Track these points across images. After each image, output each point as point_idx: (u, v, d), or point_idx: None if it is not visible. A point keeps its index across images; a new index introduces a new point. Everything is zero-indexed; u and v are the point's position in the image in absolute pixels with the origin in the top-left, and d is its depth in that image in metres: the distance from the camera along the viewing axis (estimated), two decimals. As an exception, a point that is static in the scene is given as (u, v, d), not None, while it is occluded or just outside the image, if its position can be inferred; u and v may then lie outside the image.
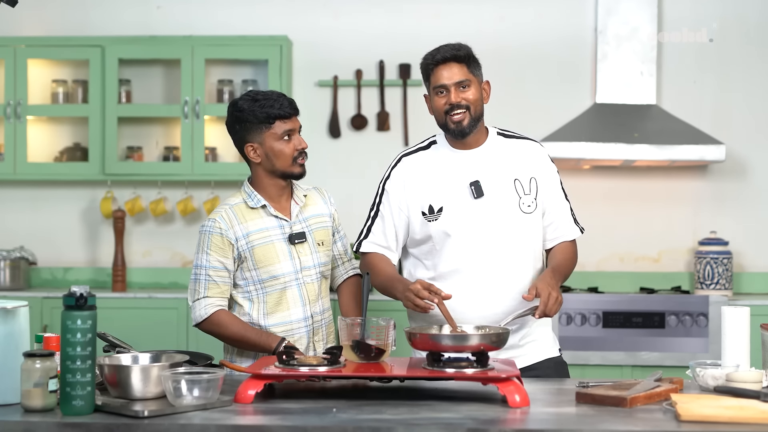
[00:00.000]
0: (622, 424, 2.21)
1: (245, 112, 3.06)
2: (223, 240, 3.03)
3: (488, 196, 2.98)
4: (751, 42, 5.48)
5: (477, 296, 2.96)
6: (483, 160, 3.03)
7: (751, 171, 5.48)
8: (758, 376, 2.51)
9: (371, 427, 2.18)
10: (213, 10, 5.61)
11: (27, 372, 2.28)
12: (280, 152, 3.07)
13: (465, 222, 2.98)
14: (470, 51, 3.02)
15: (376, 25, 5.58)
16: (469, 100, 2.98)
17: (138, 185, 5.58)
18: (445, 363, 2.50)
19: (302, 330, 3.09)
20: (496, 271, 2.97)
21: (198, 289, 3.04)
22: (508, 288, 2.97)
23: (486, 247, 2.97)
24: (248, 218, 3.07)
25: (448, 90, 2.98)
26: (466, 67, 2.99)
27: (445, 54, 2.99)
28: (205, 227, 3.06)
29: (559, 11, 5.53)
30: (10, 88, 5.39)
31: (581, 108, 5.42)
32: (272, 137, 3.06)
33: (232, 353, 3.13)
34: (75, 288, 2.26)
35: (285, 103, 3.07)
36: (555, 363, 3.09)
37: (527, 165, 3.05)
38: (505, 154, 3.05)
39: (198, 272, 3.05)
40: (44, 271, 5.62)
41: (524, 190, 3.01)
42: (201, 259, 3.05)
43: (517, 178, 3.01)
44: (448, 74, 2.98)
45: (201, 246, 3.06)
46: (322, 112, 5.59)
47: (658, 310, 4.98)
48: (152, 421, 2.22)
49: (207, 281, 3.03)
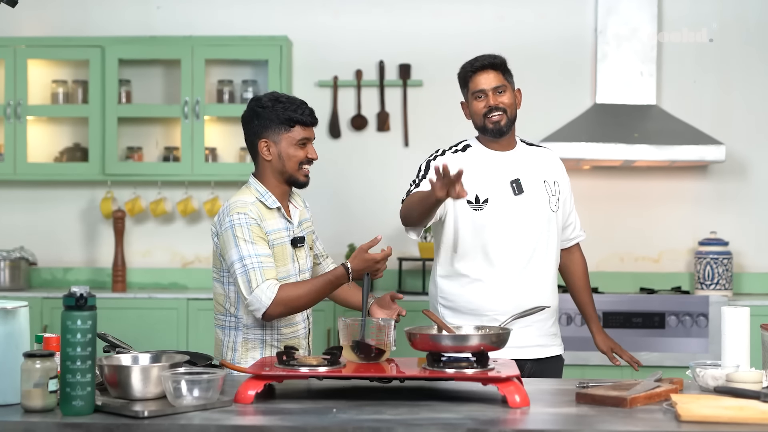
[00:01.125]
0: (622, 425, 2.21)
1: (267, 109, 3.09)
2: (261, 230, 3.02)
3: (527, 193, 3.26)
4: (751, 42, 5.48)
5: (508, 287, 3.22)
6: (519, 161, 3.32)
7: (751, 171, 5.48)
8: (758, 376, 2.51)
9: (371, 427, 2.18)
10: (213, 10, 5.61)
11: (27, 372, 2.28)
12: (293, 156, 3.09)
13: (507, 216, 3.23)
14: (505, 61, 3.31)
15: (376, 25, 5.58)
16: (505, 103, 3.26)
17: (138, 185, 5.58)
18: (445, 363, 2.50)
19: (302, 331, 3.14)
20: (528, 264, 3.25)
21: (255, 278, 2.95)
22: (535, 280, 3.26)
23: (522, 241, 3.24)
24: (267, 217, 3.07)
25: (486, 94, 3.26)
26: (502, 75, 3.29)
27: (483, 62, 3.27)
28: (240, 220, 3.00)
29: (559, 11, 5.53)
30: (10, 88, 5.39)
31: (581, 108, 5.42)
32: (288, 140, 3.09)
33: (232, 354, 3.12)
34: (75, 288, 2.26)
35: (307, 111, 3.13)
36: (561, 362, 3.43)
37: (551, 169, 3.38)
38: (533, 158, 3.35)
39: (247, 263, 2.96)
40: (44, 271, 5.62)
41: (551, 191, 3.32)
42: (246, 249, 2.97)
43: (546, 180, 3.33)
44: (486, 80, 3.26)
45: (241, 237, 2.98)
46: (322, 112, 5.59)
47: (658, 310, 4.98)
48: (152, 422, 2.22)
49: (261, 268, 2.96)
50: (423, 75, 5.52)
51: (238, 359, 3.06)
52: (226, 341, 3.10)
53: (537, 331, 3.29)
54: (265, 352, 3.06)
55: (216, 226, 3.07)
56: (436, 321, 2.68)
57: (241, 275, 2.95)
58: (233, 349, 3.08)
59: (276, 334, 3.08)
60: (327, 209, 5.37)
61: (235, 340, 3.09)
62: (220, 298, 3.12)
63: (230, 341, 3.10)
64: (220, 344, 3.13)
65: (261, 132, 3.10)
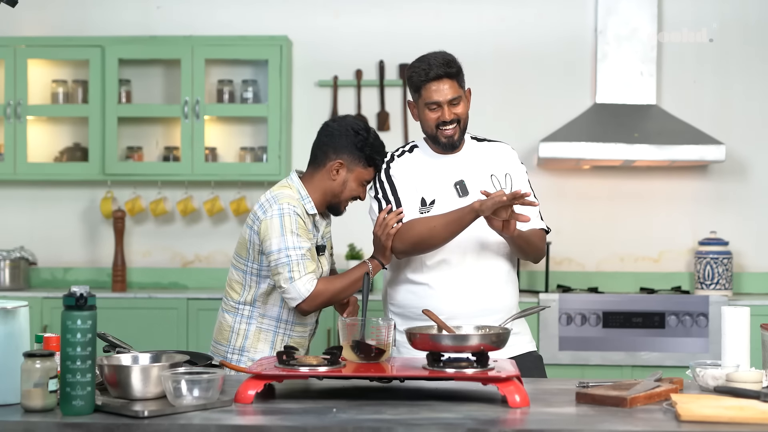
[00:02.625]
0: (622, 424, 2.21)
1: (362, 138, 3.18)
2: (305, 224, 3.12)
3: (472, 194, 3.13)
4: (751, 42, 5.48)
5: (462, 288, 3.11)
6: (463, 162, 3.20)
7: (751, 171, 5.48)
8: (758, 376, 2.51)
9: (371, 427, 2.18)
10: (213, 10, 5.61)
11: (27, 372, 2.28)
12: (353, 191, 3.20)
13: None
14: (459, 65, 3.14)
15: (376, 25, 5.58)
16: (459, 114, 3.13)
17: (138, 185, 5.58)
18: (445, 363, 2.50)
19: (309, 332, 3.27)
20: (479, 263, 3.13)
21: (298, 270, 3.04)
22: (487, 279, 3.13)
23: (470, 241, 3.11)
24: (305, 218, 3.15)
25: (441, 106, 3.10)
26: (457, 83, 3.12)
27: (438, 72, 3.09)
28: (287, 210, 3.08)
29: (559, 11, 5.53)
30: (10, 88, 5.39)
31: (581, 108, 5.42)
32: (358, 177, 3.19)
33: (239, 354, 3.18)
34: (75, 288, 2.26)
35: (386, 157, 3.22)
36: (534, 358, 3.21)
37: (501, 163, 3.21)
38: (481, 155, 3.22)
39: (291, 254, 3.04)
40: (44, 271, 5.62)
41: (501, 184, 3.17)
42: (291, 240, 3.05)
43: (494, 174, 3.18)
44: (440, 92, 3.09)
45: (287, 227, 3.06)
46: (322, 112, 5.59)
47: (658, 310, 4.98)
48: (152, 421, 2.22)
49: (303, 260, 3.05)
50: (423, 75, 5.51)
51: (247, 347, 3.16)
52: (236, 327, 3.17)
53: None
54: (276, 344, 3.15)
55: (258, 213, 3.12)
56: (436, 321, 2.68)
57: (284, 264, 3.04)
58: (244, 337, 3.16)
59: (289, 329, 3.18)
60: (327, 209, 5.38)
61: (247, 328, 3.16)
62: (237, 285, 3.19)
63: (241, 328, 3.16)
64: (227, 330, 3.19)
65: (343, 152, 3.18)
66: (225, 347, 3.19)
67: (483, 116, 5.22)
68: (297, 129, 5.57)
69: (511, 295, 3.19)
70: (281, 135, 5.34)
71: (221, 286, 5.50)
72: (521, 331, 3.18)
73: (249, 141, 5.56)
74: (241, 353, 3.16)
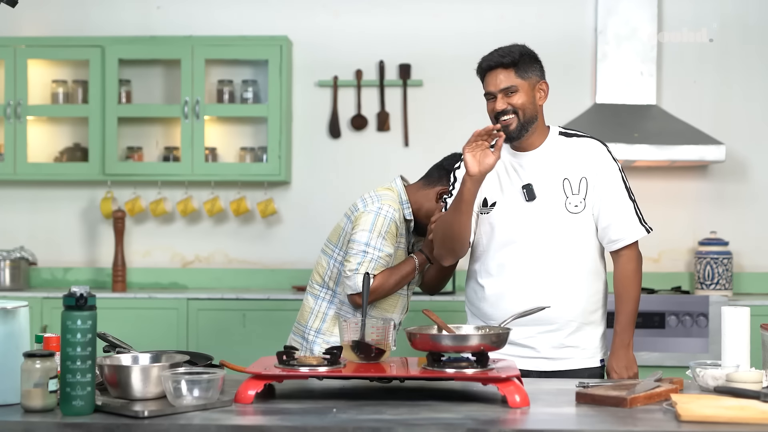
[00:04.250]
0: (622, 425, 2.21)
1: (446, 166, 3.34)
2: (397, 230, 3.28)
3: (540, 199, 3.03)
4: (751, 42, 5.48)
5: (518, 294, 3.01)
6: (537, 163, 3.07)
7: (751, 171, 5.48)
8: (758, 376, 2.51)
9: (371, 427, 2.18)
10: (213, 10, 5.61)
11: (27, 372, 2.28)
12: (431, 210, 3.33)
13: (515, 222, 3.04)
14: (520, 53, 3.04)
15: (376, 25, 5.58)
16: (516, 104, 3.01)
17: (138, 185, 5.58)
18: (445, 363, 2.50)
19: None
20: (543, 271, 3.01)
21: (366, 266, 3.20)
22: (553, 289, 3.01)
23: (532, 247, 3.02)
24: (400, 224, 3.33)
25: (495, 96, 3.03)
26: (514, 73, 3.02)
27: (490, 62, 3.04)
28: (385, 212, 3.26)
29: (559, 11, 5.53)
30: (10, 88, 5.39)
31: (581, 108, 5.42)
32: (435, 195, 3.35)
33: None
34: (75, 288, 2.26)
35: None
36: (590, 374, 3.06)
37: (580, 164, 3.06)
38: (560, 155, 3.07)
39: (369, 251, 3.23)
40: (44, 271, 5.62)
41: (572, 189, 3.04)
42: (377, 241, 3.24)
43: (567, 178, 3.04)
44: (494, 81, 3.02)
45: (378, 228, 3.24)
46: (322, 112, 5.59)
47: (658, 310, 4.98)
48: (152, 422, 2.22)
49: (377, 262, 3.22)
50: (423, 75, 5.52)
51: (324, 329, 3.36)
52: (315, 309, 3.39)
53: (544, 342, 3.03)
54: None
55: (358, 205, 3.30)
56: (436, 321, 2.68)
57: (357, 255, 3.23)
58: (322, 320, 3.37)
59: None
60: (327, 209, 5.38)
61: (326, 312, 3.37)
62: (322, 270, 3.41)
63: (320, 311, 3.38)
64: (308, 311, 3.41)
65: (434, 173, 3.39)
66: (303, 327, 3.39)
67: (482, 116, 5.21)
68: (297, 129, 5.57)
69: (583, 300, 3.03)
70: (281, 135, 5.34)
71: (221, 286, 5.54)
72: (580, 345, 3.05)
73: (249, 141, 5.56)
74: (317, 334, 3.35)
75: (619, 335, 3.08)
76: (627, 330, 3.09)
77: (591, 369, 3.08)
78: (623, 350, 3.06)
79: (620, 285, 3.12)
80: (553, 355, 3.03)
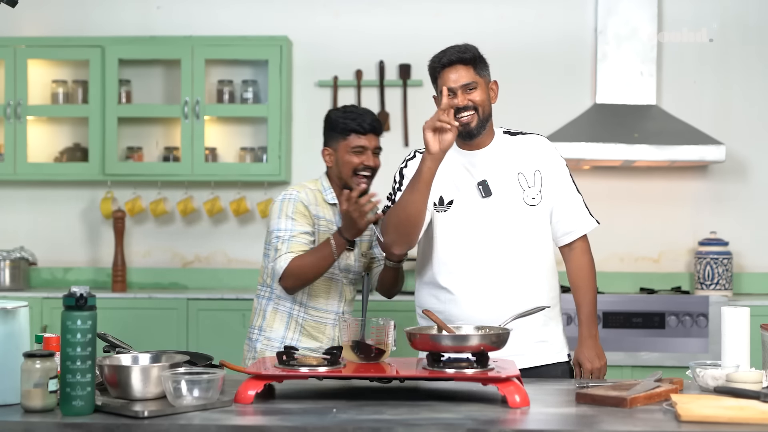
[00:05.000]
0: (622, 425, 2.21)
1: (331, 120, 3.39)
2: (306, 210, 3.29)
3: (495, 194, 3.03)
4: (751, 42, 5.48)
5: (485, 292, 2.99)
6: (489, 159, 3.07)
7: (751, 171, 5.48)
8: (758, 376, 2.51)
9: (371, 427, 2.18)
10: (213, 10, 5.61)
11: (27, 372, 2.28)
12: (347, 163, 3.33)
13: (473, 219, 3.02)
14: (476, 52, 3.04)
15: (376, 25, 5.58)
16: (476, 101, 3.00)
17: (138, 185, 5.58)
18: (445, 363, 2.50)
19: (330, 321, 3.36)
20: (504, 266, 3.00)
21: (282, 248, 3.23)
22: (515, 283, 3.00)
23: (493, 243, 3.00)
24: (322, 206, 3.34)
25: (455, 92, 2.99)
26: (473, 69, 3.02)
27: (451, 57, 3.01)
28: (288, 196, 3.31)
29: (559, 11, 5.53)
30: (10, 88, 5.39)
31: (581, 108, 5.42)
32: (344, 148, 3.34)
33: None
34: (75, 288, 2.26)
35: (366, 120, 3.35)
36: (562, 371, 3.08)
37: (532, 158, 3.09)
38: (511, 151, 3.09)
39: (281, 235, 3.26)
40: (44, 271, 5.62)
41: (528, 182, 3.06)
42: (285, 223, 3.27)
43: (521, 172, 3.06)
44: (455, 77, 2.99)
45: (283, 212, 3.28)
46: (322, 112, 5.54)
47: (658, 310, 4.98)
48: (152, 422, 2.22)
49: (290, 241, 3.24)
50: (423, 75, 5.46)
51: (264, 326, 3.37)
52: (258, 308, 3.42)
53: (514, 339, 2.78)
54: (290, 325, 3.33)
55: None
56: (436, 321, 2.68)
57: (273, 244, 3.27)
58: (263, 317, 3.38)
59: (303, 312, 3.34)
60: (327, 209, 5.38)
61: (265, 308, 3.38)
62: (262, 270, 3.42)
63: (261, 309, 3.40)
64: (253, 312, 3.44)
65: (326, 141, 3.41)
66: (250, 329, 3.42)
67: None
68: (297, 129, 5.57)
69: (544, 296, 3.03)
70: (281, 135, 5.34)
71: (221, 287, 5.54)
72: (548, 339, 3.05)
73: (249, 141, 5.56)
74: (260, 332, 3.38)
75: (585, 325, 3.11)
76: (592, 319, 3.11)
77: (561, 364, 3.09)
78: (591, 340, 3.09)
79: (578, 276, 3.14)
80: (524, 352, 2.98)
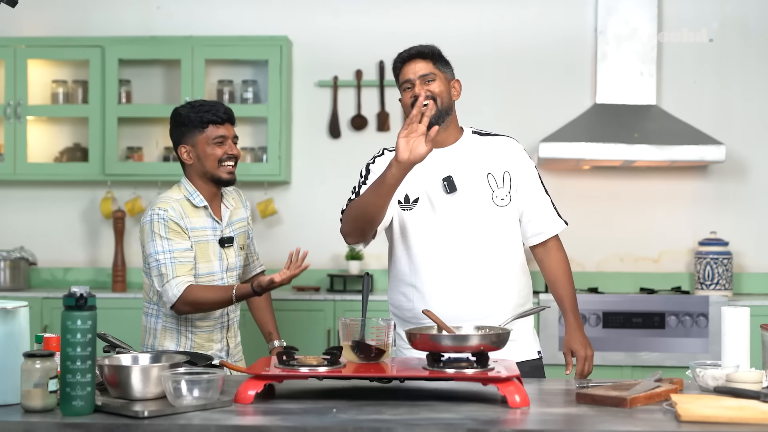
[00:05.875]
0: (622, 425, 2.21)
1: (182, 116, 3.28)
2: (178, 226, 3.20)
3: (461, 191, 3.02)
4: (751, 42, 5.48)
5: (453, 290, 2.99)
6: (456, 156, 3.07)
7: (751, 171, 5.48)
8: (758, 376, 2.51)
9: (371, 427, 2.18)
10: (213, 10, 5.61)
11: (27, 372, 2.28)
12: (210, 155, 3.28)
13: (438, 215, 3.02)
14: (436, 49, 3.08)
15: (376, 25, 5.58)
16: (434, 91, 3.01)
17: (138, 185, 5.58)
18: (445, 363, 2.50)
19: (218, 325, 3.32)
20: (472, 264, 3.00)
21: (166, 273, 3.16)
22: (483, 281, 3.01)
23: (460, 241, 3.01)
24: (192, 215, 3.26)
25: (413, 84, 3.02)
26: (432, 63, 3.04)
27: (410, 51, 3.05)
28: (157, 216, 3.19)
29: (559, 11, 5.53)
30: (10, 88, 5.39)
31: (581, 108, 5.42)
32: (204, 141, 3.28)
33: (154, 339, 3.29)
34: (75, 288, 2.26)
35: (220, 110, 3.29)
36: (531, 367, 3.08)
37: (501, 160, 3.08)
38: (479, 151, 3.09)
39: (161, 258, 3.17)
40: (44, 272, 5.62)
41: (497, 183, 3.06)
42: (161, 245, 3.18)
43: (490, 173, 3.06)
44: (413, 69, 3.02)
45: (156, 233, 3.18)
46: (322, 112, 5.59)
47: (658, 310, 4.98)
48: (152, 422, 2.22)
49: (173, 263, 3.16)
50: (423, 75, 5.51)
51: (157, 345, 3.29)
52: (147, 327, 3.33)
53: None
54: (180, 340, 3.27)
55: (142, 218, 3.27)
56: (436, 321, 2.68)
57: (154, 268, 3.18)
58: (153, 335, 3.30)
59: (190, 325, 3.28)
60: (327, 209, 5.38)
61: (155, 327, 3.30)
62: (146, 287, 3.33)
63: (151, 327, 3.31)
64: (143, 330, 3.35)
65: (180, 139, 3.31)
66: (144, 347, 3.33)
67: (482, 116, 5.23)
68: (297, 129, 5.57)
69: (515, 295, 3.05)
70: (281, 135, 5.34)
71: (221, 286, 5.53)
72: (517, 338, 2.98)
73: (249, 141, 5.56)
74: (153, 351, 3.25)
75: (571, 316, 3.12)
76: (575, 310, 3.13)
77: (532, 361, 3.10)
78: (579, 331, 3.11)
79: (555, 271, 3.16)
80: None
